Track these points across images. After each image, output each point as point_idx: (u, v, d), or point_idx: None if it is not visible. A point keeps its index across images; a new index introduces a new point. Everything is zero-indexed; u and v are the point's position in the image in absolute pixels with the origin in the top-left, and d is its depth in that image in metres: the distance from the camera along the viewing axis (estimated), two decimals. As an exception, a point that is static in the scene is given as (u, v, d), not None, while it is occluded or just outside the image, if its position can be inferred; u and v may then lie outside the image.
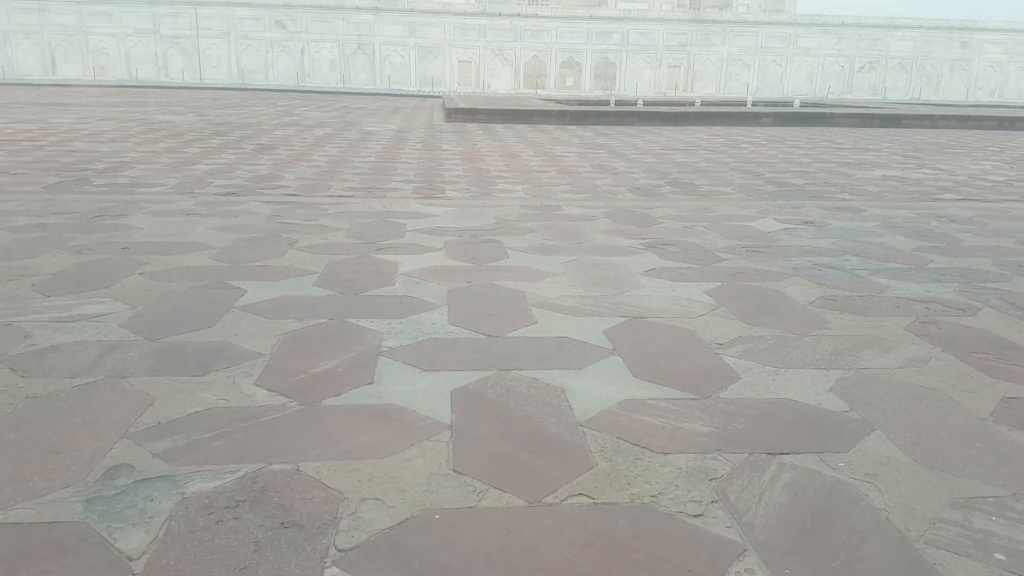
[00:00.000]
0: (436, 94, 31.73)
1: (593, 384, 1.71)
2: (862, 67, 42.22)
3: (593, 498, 1.23)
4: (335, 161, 6.50)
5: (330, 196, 4.55)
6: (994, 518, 1.19)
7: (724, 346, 1.97)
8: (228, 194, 4.48)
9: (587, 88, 39.97)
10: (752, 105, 20.23)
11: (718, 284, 2.60)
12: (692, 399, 1.63)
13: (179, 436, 1.40)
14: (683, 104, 20.42)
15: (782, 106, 20.08)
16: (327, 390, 1.63)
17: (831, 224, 3.78)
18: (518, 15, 40.01)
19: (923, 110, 17.37)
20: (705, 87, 40.85)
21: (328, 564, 1.04)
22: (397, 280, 2.56)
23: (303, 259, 2.82)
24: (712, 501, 1.23)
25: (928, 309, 2.33)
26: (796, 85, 41.36)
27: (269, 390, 1.62)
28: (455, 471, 1.30)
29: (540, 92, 37.25)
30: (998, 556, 1.10)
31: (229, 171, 5.61)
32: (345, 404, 1.57)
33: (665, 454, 1.38)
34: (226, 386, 1.63)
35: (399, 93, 32.91)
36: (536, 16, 40.08)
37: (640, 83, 40.52)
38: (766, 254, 3.09)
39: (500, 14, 39.83)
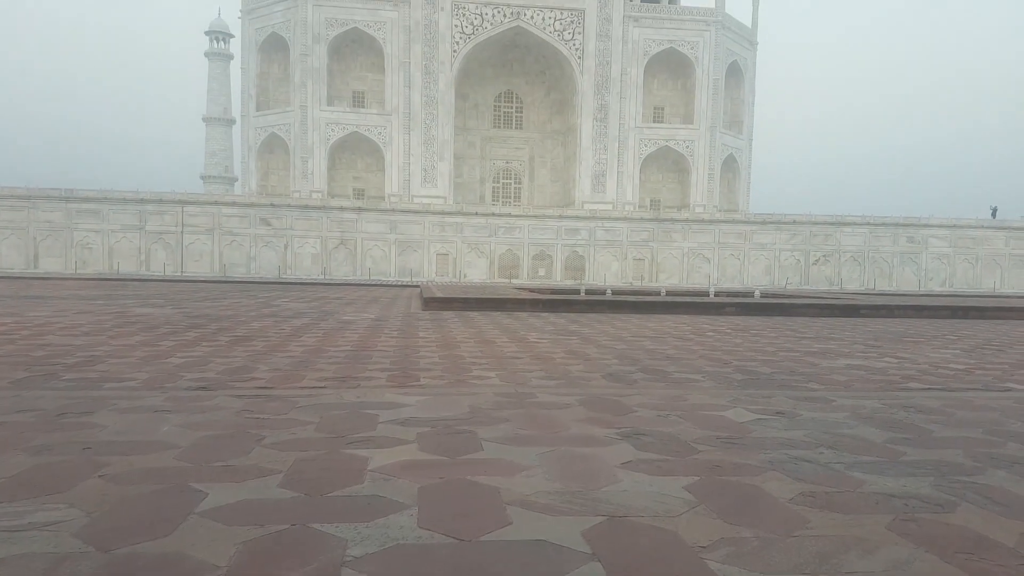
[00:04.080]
0: (415, 283, 32.77)
1: (571, 595, 1.62)
2: (817, 260, 44.79)
3: None
4: (311, 351, 6.53)
5: (303, 388, 4.52)
6: None
7: (707, 549, 1.91)
8: (199, 388, 4.44)
9: (558, 278, 41.70)
10: (715, 295, 21.12)
11: (696, 479, 2.56)
12: (675, 610, 1.54)
13: (120, 666, 1.28)
14: (649, 293, 21.26)
15: (743, 296, 20.99)
16: (287, 607, 1.52)
17: (802, 415, 3.82)
18: (493, 214, 42.61)
19: (880, 300, 18.23)
20: (669, 278, 42.85)
21: None
22: (366, 478, 2.48)
23: (269, 457, 2.74)
24: None
25: (907, 505, 2.30)
26: (755, 276, 43.54)
27: (224, 608, 1.51)
28: None
29: (514, 281, 38.75)
30: None
31: (202, 364, 5.59)
32: (306, 623, 1.46)
33: (650, 677, 1.28)
34: (178, 604, 1.52)
35: (379, 283, 33.92)
36: (509, 215, 42.74)
37: (608, 274, 42.46)
38: (741, 446, 3.07)
39: (476, 213, 42.40)
